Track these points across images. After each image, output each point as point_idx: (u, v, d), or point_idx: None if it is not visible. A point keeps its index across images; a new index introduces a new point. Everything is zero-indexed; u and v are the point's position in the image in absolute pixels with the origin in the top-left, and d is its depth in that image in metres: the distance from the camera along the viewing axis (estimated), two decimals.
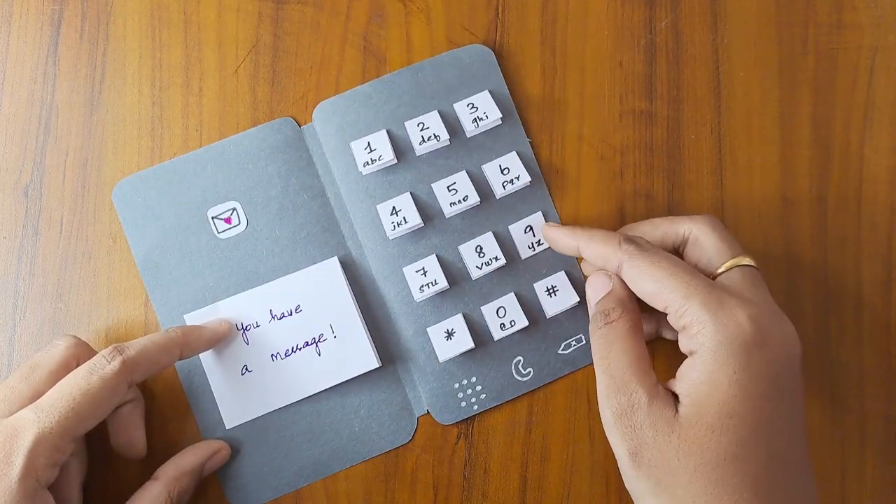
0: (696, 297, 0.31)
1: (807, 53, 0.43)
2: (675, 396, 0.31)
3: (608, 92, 0.42)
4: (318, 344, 0.40)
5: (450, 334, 0.39)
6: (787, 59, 0.42)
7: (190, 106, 0.42)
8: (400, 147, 0.41)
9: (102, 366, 0.34)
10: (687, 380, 0.31)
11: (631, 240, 0.35)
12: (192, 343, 0.38)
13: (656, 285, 0.32)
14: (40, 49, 0.43)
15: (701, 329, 0.31)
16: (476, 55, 0.42)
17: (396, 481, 0.40)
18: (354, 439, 0.40)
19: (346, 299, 0.40)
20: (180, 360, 0.37)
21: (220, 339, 0.39)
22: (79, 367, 0.34)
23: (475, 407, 0.40)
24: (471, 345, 0.39)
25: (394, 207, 0.40)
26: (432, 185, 0.41)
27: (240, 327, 0.40)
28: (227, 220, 0.41)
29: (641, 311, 0.35)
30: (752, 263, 0.34)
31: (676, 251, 0.37)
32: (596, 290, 0.36)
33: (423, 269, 0.40)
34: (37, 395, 0.34)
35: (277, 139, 0.42)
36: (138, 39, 0.43)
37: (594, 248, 0.35)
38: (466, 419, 0.40)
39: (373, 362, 0.40)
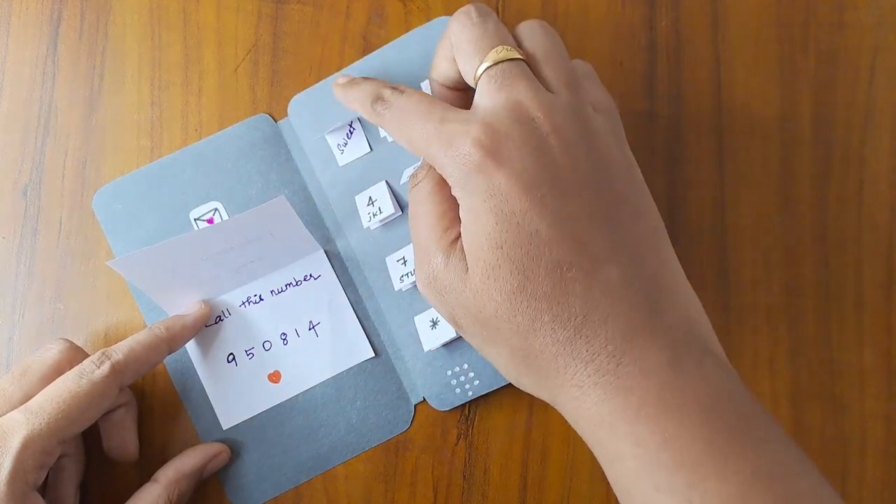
0: (432, 144, 0.29)
1: (807, 53, 0.42)
2: None
3: (608, 91, 0.42)
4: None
5: (434, 323, 0.39)
6: (788, 58, 0.42)
7: (189, 106, 0.42)
8: (375, 135, 0.41)
9: (91, 370, 0.34)
10: (462, 226, 0.29)
11: (378, 97, 0.32)
12: (177, 335, 0.38)
13: (406, 140, 0.31)
14: (39, 49, 0.43)
15: (445, 174, 0.29)
16: (443, 28, 0.41)
17: (396, 482, 0.40)
18: (352, 431, 0.40)
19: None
20: (169, 353, 0.38)
21: (203, 322, 0.40)
22: (68, 372, 0.34)
23: (470, 393, 0.39)
24: (453, 334, 0.39)
25: (370, 197, 0.40)
26: (405, 170, 0.40)
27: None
28: (210, 221, 0.41)
29: None
30: (508, 55, 0.30)
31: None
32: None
33: (404, 258, 0.40)
34: (27, 399, 0.34)
35: (255, 136, 0.41)
36: (137, 39, 0.43)
37: (359, 111, 0.34)
38: (466, 420, 0.40)
39: (367, 352, 0.40)
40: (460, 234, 0.30)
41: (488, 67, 0.30)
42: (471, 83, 0.31)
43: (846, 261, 0.41)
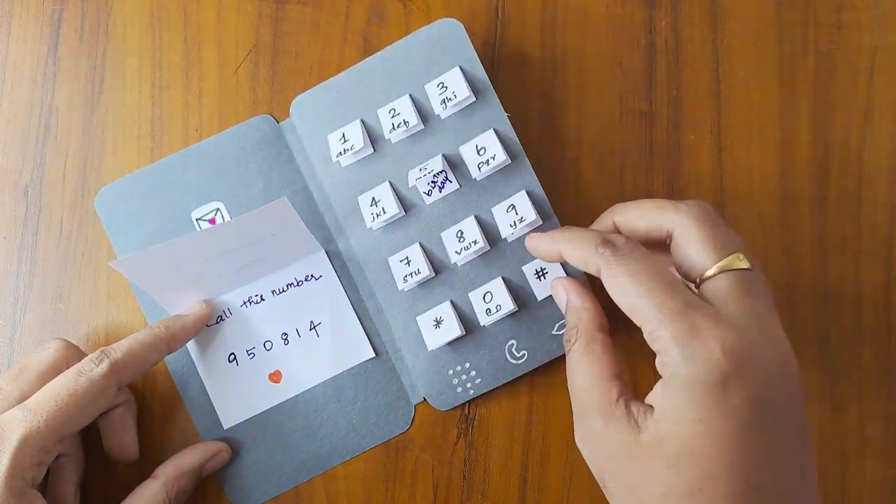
0: (667, 323, 0.28)
1: (807, 53, 0.42)
2: (650, 408, 0.29)
3: (608, 92, 0.42)
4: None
5: (438, 322, 0.39)
6: (787, 59, 0.42)
7: (190, 106, 0.42)
8: (375, 136, 0.40)
9: (90, 368, 0.34)
10: (657, 401, 0.29)
11: (608, 242, 0.31)
12: (177, 335, 0.38)
13: (631, 301, 0.30)
14: (40, 49, 0.43)
15: (670, 360, 0.28)
16: (446, 29, 0.40)
17: (396, 482, 0.40)
18: (353, 431, 0.40)
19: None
20: (169, 353, 0.38)
21: (204, 322, 0.40)
22: (67, 370, 0.35)
23: (471, 392, 0.39)
24: (458, 332, 0.38)
25: (373, 198, 0.40)
26: (409, 172, 0.40)
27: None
28: (212, 221, 0.41)
29: None
30: (745, 265, 0.30)
31: (666, 244, 0.34)
32: (560, 301, 0.35)
33: (407, 258, 0.39)
34: (25, 397, 0.34)
35: (256, 136, 0.41)
36: (138, 40, 0.43)
37: (573, 254, 0.33)
38: (466, 420, 0.40)
39: (367, 352, 0.40)
40: (622, 394, 0.30)
41: (743, 269, 0.30)
42: (704, 270, 0.31)
43: (846, 261, 0.41)
